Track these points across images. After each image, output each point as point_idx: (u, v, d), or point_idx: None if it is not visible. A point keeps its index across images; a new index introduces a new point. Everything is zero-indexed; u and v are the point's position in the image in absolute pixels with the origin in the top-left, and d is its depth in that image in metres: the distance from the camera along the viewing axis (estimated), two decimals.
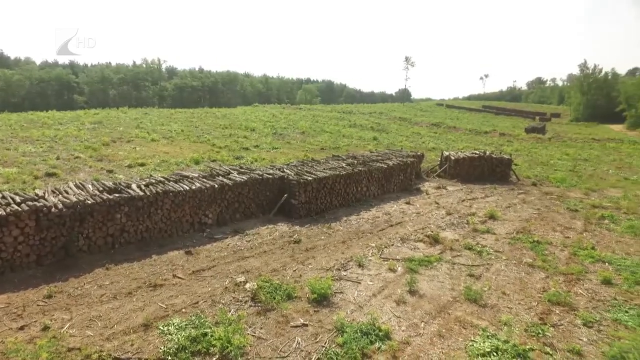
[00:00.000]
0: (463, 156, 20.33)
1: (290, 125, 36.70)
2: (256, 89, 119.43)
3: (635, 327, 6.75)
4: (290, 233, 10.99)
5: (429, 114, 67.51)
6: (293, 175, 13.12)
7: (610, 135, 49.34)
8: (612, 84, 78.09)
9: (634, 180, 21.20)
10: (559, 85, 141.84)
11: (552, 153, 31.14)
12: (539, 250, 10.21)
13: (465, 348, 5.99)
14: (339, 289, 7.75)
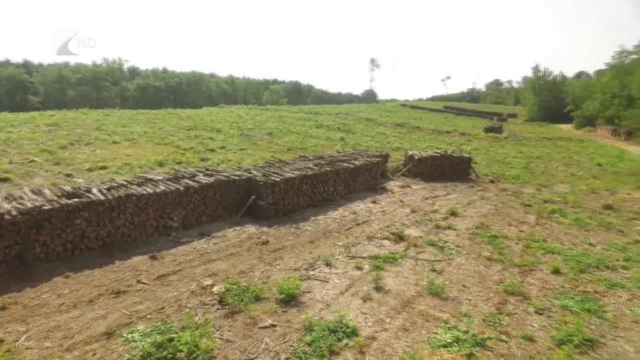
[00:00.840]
0: (426, 155, 20.90)
1: (257, 126, 36.38)
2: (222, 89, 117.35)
3: (580, 312, 7.21)
4: (258, 234, 10.93)
5: (394, 115, 68.80)
6: (260, 176, 13.05)
7: (560, 134, 52.15)
8: (560, 86, 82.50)
9: (580, 176, 22.55)
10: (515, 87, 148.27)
11: (508, 151, 32.56)
12: (496, 244, 10.68)
13: (428, 340, 6.20)
14: (307, 289, 7.80)
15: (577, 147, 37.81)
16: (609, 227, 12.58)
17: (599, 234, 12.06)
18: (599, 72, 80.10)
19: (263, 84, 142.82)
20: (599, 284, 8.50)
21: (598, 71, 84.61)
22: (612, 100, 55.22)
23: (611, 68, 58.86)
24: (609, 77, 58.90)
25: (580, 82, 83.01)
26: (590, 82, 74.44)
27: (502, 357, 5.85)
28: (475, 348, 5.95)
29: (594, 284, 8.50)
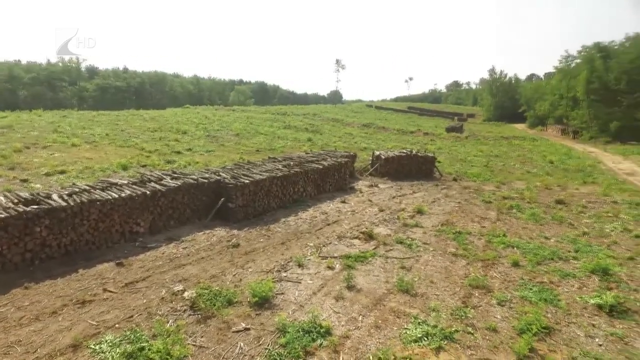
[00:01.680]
0: (392, 155, 21.32)
1: (224, 127, 35.78)
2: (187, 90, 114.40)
3: (537, 301, 7.61)
4: (229, 237, 10.78)
5: (360, 115, 69.67)
6: (229, 178, 12.87)
7: (515, 133, 54.64)
8: (515, 87, 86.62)
9: (534, 173, 23.75)
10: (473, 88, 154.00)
11: (469, 150, 33.78)
12: (461, 240, 11.07)
13: (400, 336, 6.34)
14: (280, 290, 7.77)
15: (530, 145, 39.74)
16: (561, 221, 13.33)
17: (552, 227, 12.74)
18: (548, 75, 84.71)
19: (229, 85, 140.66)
20: (553, 274, 8.98)
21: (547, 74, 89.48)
22: (560, 101, 58.59)
23: (559, 71, 62.43)
24: (557, 79, 62.49)
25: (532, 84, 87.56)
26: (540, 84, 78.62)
27: (469, 348, 6.08)
28: (444, 341, 6.15)
29: (549, 274, 8.98)
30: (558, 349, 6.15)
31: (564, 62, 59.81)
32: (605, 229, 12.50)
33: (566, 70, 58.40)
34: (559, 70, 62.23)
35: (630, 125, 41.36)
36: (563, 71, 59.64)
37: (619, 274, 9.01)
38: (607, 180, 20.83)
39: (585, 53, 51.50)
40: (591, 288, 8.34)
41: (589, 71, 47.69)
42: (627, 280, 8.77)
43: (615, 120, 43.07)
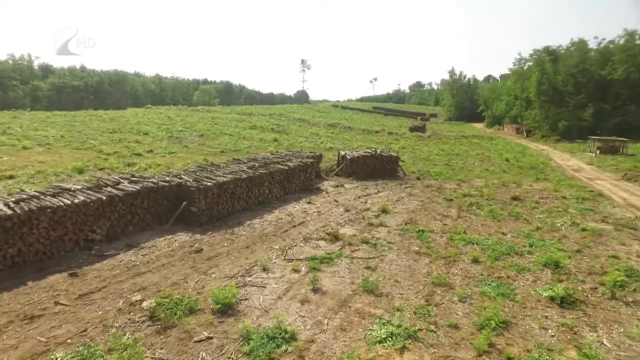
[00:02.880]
0: (358, 155, 21.46)
1: (187, 128, 34.80)
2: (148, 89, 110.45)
3: (496, 296, 7.84)
4: (191, 242, 10.42)
5: (326, 115, 69.93)
6: (192, 181, 12.47)
7: (474, 132, 56.68)
8: (473, 88, 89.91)
9: (492, 171, 24.67)
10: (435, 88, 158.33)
11: (431, 149, 34.65)
12: (424, 238, 11.26)
13: (365, 337, 6.32)
14: (244, 296, 7.58)
15: (488, 144, 41.31)
16: (517, 217, 13.87)
17: (509, 223, 13.23)
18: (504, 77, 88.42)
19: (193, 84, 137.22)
20: (510, 269, 9.30)
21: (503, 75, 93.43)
22: (515, 102, 61.38)
23: (513, 73, 65.33)
24: (512, 81, 65.41)
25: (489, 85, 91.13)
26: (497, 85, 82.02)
27: (432, 347, 6.15)
28: (407, 341, 6.19)
29: (506, 269, 9.29)
30: (515, 343, 6.34)
31: (517, 64, 62.71)
32: (556, 224, 13.11)
33: (520, 72, 61.19)
34: (513, 72, 65.15)
35: (576, 124, 43.86)
36: (517, 73, 62.46)
37: (569, 266, 9.45)
38: (557, 177, 21.94)
39: (536, 56, 54.13)
40: (544, 281, 8.69)
41: (539, 73, 50.17)
42: (576, 272, 9.22)
43: (563, 120, 45.54)
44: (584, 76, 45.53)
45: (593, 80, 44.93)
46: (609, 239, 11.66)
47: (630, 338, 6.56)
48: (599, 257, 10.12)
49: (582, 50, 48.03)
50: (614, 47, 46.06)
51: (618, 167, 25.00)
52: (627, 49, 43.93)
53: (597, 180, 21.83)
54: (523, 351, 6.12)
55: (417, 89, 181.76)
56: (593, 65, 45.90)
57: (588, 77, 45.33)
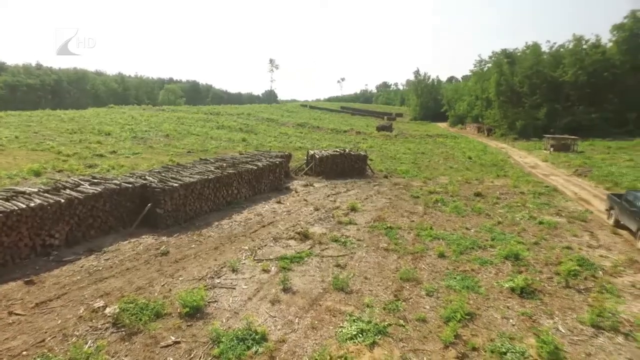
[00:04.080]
0: (327, 154, 21.50)
1: (152, 128, 33.65)
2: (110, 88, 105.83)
3: (461, 289, 8.07)
4: (157, 245, 10.07)
5: (295, 115, 69.66)
6: (157, 182, 12.06)
7: (439, 131, 58.17)
8: (437, 89, 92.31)
9: (456, 168, 25.42)
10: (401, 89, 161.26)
11: (398, 148, 35.25)
12: (392, 235, 11.42)
13: (336, 335, 6.32)
14: (213, 298, 7.40)
15: (452, 143, 42.52)
16: (480, 212, 14.35)
17: (472, 218, 13.66)
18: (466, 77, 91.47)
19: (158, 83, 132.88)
20: (474, 263, 9.60)
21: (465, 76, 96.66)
22: (476, 102, 63.53)
23: (474, 74, 67.65)
24: (473, 82, 67.72)
25: (452, 85, 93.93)
26: (459, 86, 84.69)
27: (401, 341, 6.24)
28: (377, 336, 6.25)
29: (470, 263, 9.59)
30: (479, 333, 6.54)
31: (478, 66, 64.97)
32: (516, 218, 13.67)
33: (480, 73, 63.44)
34: (474, 74, 67.48)
35: (532, 123, 45.98)
36: (477, 74, 64.74)
37: (527, 258, 9.88)
38: (516, 174, 22.89)
39: (494, 58, 56.29)
40: (505, 273, 9.03)
41: (498, 75, 52.23)
42: (534, 263, 9.65)
43: (520, 119, 47.62)
44: (538, 78, 47.81)
45: (546, 81, 47.27)
46: (563, 231, 12.29)
47: (582, 323, 6.94)
48: (554, 249, 10.64)
49: (536, 53, 50.43)
50: (564, 50, 48.72)
51: (570, 164, 26.42)
52: (575, 53, 46.60)
53: (552, 176, 22.96)
54: (487, 341, 6.32)
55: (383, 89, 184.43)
56: (546, 68, 48.30)
57: (542, 79, 47.64)
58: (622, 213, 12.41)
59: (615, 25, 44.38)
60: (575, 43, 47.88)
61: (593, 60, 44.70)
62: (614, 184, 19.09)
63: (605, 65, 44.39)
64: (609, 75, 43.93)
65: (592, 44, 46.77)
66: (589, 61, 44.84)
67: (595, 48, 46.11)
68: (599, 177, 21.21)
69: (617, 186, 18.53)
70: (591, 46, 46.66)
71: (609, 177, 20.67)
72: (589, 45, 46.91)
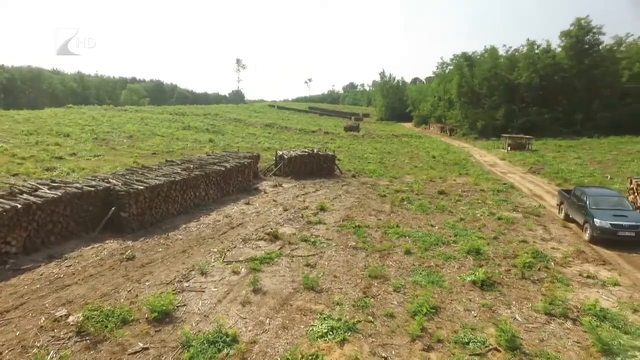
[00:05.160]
0: (295, 155, 21.52)
1: (114, 129, 32.39)
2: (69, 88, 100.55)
3: (426, 284, 8.35)
4: (122, 250, 9.75)
5: (263, 115, 69.07)
6: (121, 185, 11.66)
7: (404, 131, 59.51)
8: (402, 89, 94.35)
9: (421, 167, 26.13)
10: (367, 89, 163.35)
11: (365, 148, 35.76)
12: (360, 234, 11.62)
13: (307, 334, 6.38)
14: (182, 302, 7.27)
15: (417, 142, 43.62)
16: (443, 209, 14.85)
17: (436, 215, 14.12)
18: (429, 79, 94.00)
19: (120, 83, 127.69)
20: (438, 258, 9.95)
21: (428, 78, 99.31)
22: (439, 103, 65.45)
23: (437, 76, 69.71)
24: (436, 83, 69.72)
25: (416, 87, 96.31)
26: (423, 87, 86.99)
27: (370, 337, 6.39)
28: (347, 333, 6.37)
29: (435, 259, 9.92)
30: (444, 326, 6.81)
31: (440, 68, 66.99)
32: (477, 214, 14.26)
33: (442, 75, 65.42)
34: (437, 75, 69.50)
35: (491, 123, 47.97)
36: (440, 76, 66.73)
37: (487, 252, 10.35)
38: (476, 172, 23.83)
39: (455, 61, 58.27)
40: (467, 267, 9.42)
41: (459, 77, 54.09)
42: (493, 257, 10.12)
43: (480, 119, 49.57)
44: (496, 80, 49.97)
45: (503, 84, 49.47)
46: (519, 226, 12.95)
47: (536, 311, 7.37)
48: (511, 243, 11.20)
49: (494, 56, 52.65)
50: (519, 54, 51.17)
51: (525, 162, 27.80)
52: (528, 57, 49.07)
53: (509, 173, 24.09)
54: (451, 332, 6.59)
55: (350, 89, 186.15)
56: (503, 70, 50.55)
57: (499, 81, 49.82)
58: (571, 207, 13.25)
59: (563, 32, 47.04)
60: (528, 47, 50.39)
61: (544, 64, 47.24)
62: (564, 181, 20.31)
63: (555, 69, 47.04)
64: (558, 79, 46.56)
65: (543, 49, 49.40)
66: (541, 65, 47.35)
67: (546, 53, 48.73)
68: (550, 174, 22.47)
69: (566, 182, 19.72)
70: (542, 51, 49.27)
71: (559, 174, 21.95)
72: (541, 50, 49.51)
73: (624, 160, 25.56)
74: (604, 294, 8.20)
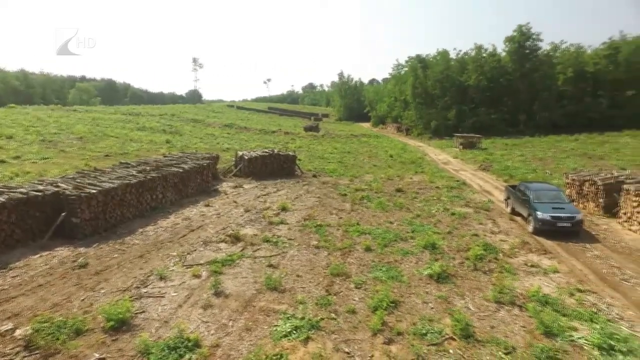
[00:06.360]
0: (256, 155, 21.27)
1: (63, 130, 30.41)
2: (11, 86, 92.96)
3: (386, 280, 8.58)
4: (74, 257, 9.20)
5: (222, 115, 67.57)
6: (71, 189, 11.00)
7: (362, 131, 60.53)
8: (360, 90, 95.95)
9: (379, 166, 26.72)
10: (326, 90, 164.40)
11: (325, 148, 36.00)
12: (322, 233, 11.71)
13: (270, 334, 6.36)
14: (140, 309, 6.99)
15: (375, 142, 44.52)
16: (401, 207, 15.28)
17: (395, 213, 14.51)
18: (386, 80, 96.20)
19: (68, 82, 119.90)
20: (397, 254, 10.24)
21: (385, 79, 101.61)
22: (395, 103, 67.16)
23: (392, 77, 71.54)
24: (392, 84, 71.48)
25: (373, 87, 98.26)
26: (379, 88, 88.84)
27: (333, 333, 6.47)
28: (311, 331, 6.41)
29: (394, 254, 10.20)
30: (403, 319, 7.03)
31: (396, 69, 68.82)
32: (432, 210, 14.81)
33: (398, 76, 67.23)
34: (393, 77, 71.31)
35: (443, 123, 49.99)
36: (396, 77, 68.52)
37: (442, 246, 10.79)
38: (431, 170, 24.73)
39: (410, 63, 60.09)
40: (424, 261, 9.77)
41: (413, 78, 55.82)
42: (448, 250, 10.57)
43: (434, 119, 51.49)
44: (448, 82, 52.14)
45: (455, 85, 51.71)
46: (471, 220, 13.61)
47: (487, 300, 7.79)
48: (464, 236, 11.74)
49: (445, 59, 54.88)
50: (468, 57, 53.69)
51: (475, 160, 29.20)
52: (476, 60, 51.67)
53: (461, 171, 25.22)
54: (410, 325, 6.81)
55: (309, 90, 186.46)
56: (454, 73, 52.82)
57: (451, 83, 52.02)
58: (516, 202, 14.10)
59: (507, 37, 49.93)
60: (476, 51, 53.02)
61: (491, 67, 49.95)
62: (510, 177, 21.55)
63: (500, 72, 49.86)
64: (503, 81, 49.39)
65: (489, 53, 52.18)
66: (488, 68, 50.02)
67: (492, 56, 51.51)
68: (498, 171, 23.77)
69: (512, 178, 20.93)
70: (489, 55, 52.03)
71: (506, 171, 23.26)
72: (488, 53, 52.26)
73: (560, 157, 27.54)
74: (545, 281, 8.81)
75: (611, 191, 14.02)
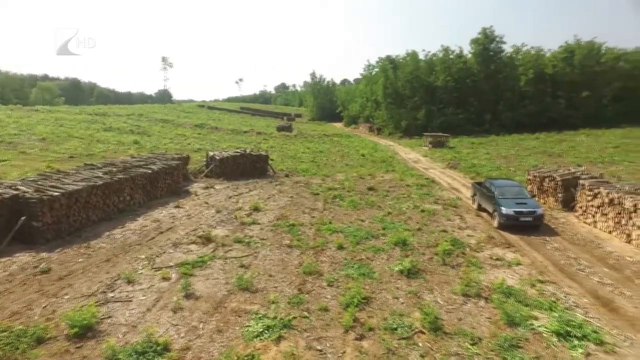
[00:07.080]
0: (227, 155, 20.96)
1: (23, 131, 28.88)
2: None
3: (358, 277, 8.67)
4: (35, 263, 8.77)
5: (192, 115, 66.08)
6: (32, 192, 10.48)
7: (335, 131, 60.86)
8: (332, 90, 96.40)
9: (351, 165, 26.95)
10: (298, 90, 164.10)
11: (298, 148, 35.94)
12: (294, 232, 11.68)
13: (242, 335, 6.29)
14: (106, 314, 6.74)
15: (347, 141, 44.86)
16: (372, 205, 15.48)
17: (366, 211, 14.67)
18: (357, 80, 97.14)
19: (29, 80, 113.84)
20: (369, 251, 10.36)
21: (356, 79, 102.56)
22: (367, 104, 67.94)
23: (364, 78, 72.34)
24: (363, 85, 72.25)
25: (345, 88, 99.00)
26: (351, 88, 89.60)
27: (306, 331, 6.47)
28: (283, 330, 6.39)
29: (365, 252, 10.32)
30: (374, 314, 7.12)
31: (367, 70, 69.62)
32: (402, 208, 15.08)
33: (369, 77, 68.03)
34: (364, 77, 72.11)
35: (413, 123, 51.04)
36: (367, 78, 69.32)
37: (413, 243, 11.01)
38: (402, 168, 25.18)
39: (381, 64, 60.95)
40: (395, 258, 9.94)
41: (384, 79, 56.66)
42: (418, 246, 10.80)
43: (404, 119, 52.47)
44: (417, 82, 53.26)
45: (423, 86, 52.88)
46: (440, 217, 13.96)
47: (455, 294, 8.02)
48: (433, 233, 12.03)
49: (415, 60, 56.02)
50: (436, 59, 55.07)
51: (444, 158, 29.98)
52: (444, 61, 53.09)
53: (431, 169, 25.82)
54: (381, 320, 6.91)
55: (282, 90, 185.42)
56: (423, 74, 54.01)
57: (420, 83, 53.16)
58: (482, 198, 14.58)
59: (473, 39, 51.60)
60: (444, 53, 54.44)
61: (458, 69, 51.43)
62: (477, 174, 22.26)
63: (467, 73, 51.42)
64: (470, 82, 50.94)
65: (456, 54, 53.71)
66: (455, 69, 51.48)
67: (459, 58, 53.04)
68: (465, 168, 24.50)
69: (478, 176, 21.63)
70: (456, 56, 53.54)
71: (472, 169, 24.01)
72: (455, 55, 53.77)
73: (523, 155, 28.70)
74: (509, 273, 9.17)
75: (568, 186, 14.76)
